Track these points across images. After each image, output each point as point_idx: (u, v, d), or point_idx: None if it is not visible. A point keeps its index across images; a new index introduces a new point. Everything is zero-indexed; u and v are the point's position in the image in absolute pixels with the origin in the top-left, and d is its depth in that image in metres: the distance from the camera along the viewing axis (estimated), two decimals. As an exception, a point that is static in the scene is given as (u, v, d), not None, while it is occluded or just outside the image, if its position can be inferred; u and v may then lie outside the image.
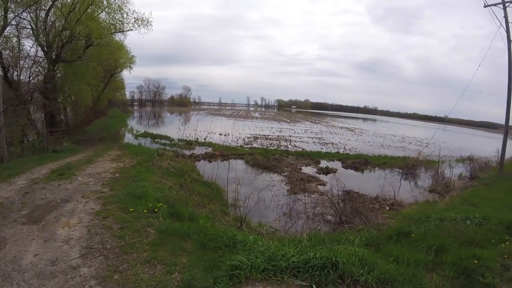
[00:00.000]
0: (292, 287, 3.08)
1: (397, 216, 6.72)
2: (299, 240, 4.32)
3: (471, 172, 13.43)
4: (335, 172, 12.88)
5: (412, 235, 4.60)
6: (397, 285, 3.16)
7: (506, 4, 12.03)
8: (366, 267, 3.33)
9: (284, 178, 11.17)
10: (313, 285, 3.10)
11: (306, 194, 8.56)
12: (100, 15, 17.04)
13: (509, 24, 12.04)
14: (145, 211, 4.89)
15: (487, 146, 30.87)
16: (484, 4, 12.29)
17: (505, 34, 12.12)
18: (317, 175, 12.25)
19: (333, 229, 6.28)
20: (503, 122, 13.04)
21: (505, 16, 11.99)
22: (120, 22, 17.80)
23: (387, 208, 7.86)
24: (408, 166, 13.69)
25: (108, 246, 3.74)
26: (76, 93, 18.20)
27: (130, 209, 4.94)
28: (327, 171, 12.93)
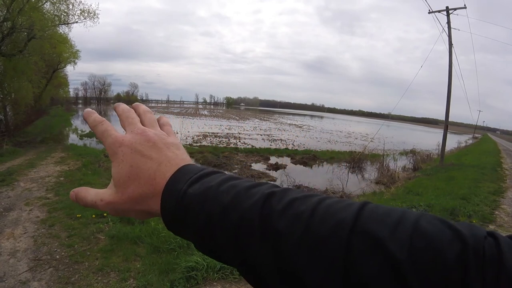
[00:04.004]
0: (250, 284, 3.17)
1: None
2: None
3: (414, 164, 14.62)
4: (285, 168, 13.14)
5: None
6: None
7: (450, 11, 13.26)
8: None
9: (234, 175, 11.24)
10: (270, 280, 3.22)
11: None
12: (45, 5, 15.76)
13: (451, 29, 13.30)
14: (94, 216, 4.70)
15: (428, 140, 33.92)
16: (429, 10, 13.39)
17: (447, 38, 13.37)
18: (267, 171, 12.43)
19: None
20: (442, 118, 14.38)
21: (448, 22, 13.20)
22: (65, 14, 16.58)
23: (336, 200, 8.29)
24: (354, 160, 14.33)
25: (57, 257, 3.55)
26: (16, 90, 16.60)
27: (77, 215, 4.71)
28: (276, 167, 13.13)
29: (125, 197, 0.36)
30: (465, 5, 12.90)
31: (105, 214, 4.78)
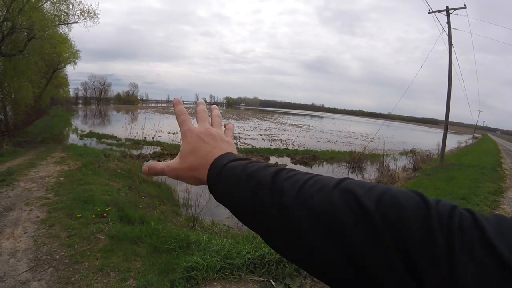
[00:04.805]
0: (250, 284, 3.17)
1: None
2: (253, 236, 4.37)
3: (414, 164, 14.61)
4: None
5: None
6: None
7: (450, 11, 13.26)
8: (320, 258, 3.51)
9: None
10: (271, 280, 3.22)
11: None
12: (45, 5, 15.74)
13: (451, 29, 13.30)
14: (94, 216, 4.71)
15: (428, 140, 33.90)
16: (429, 10, 13.38)
17: (447, 38, 13.37)
18: None
19: None
20: (442, 118, 14.38)
21: (448, 22, 13.20)
22: (65, 14, 16.57)
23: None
24: (354, 160, 14.38)
25: (57, 257, 3.55)
26: (16, 90, 16.59)
27: (77, 215, 4.71)
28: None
29: (185, 165, 0.51)
30: (465, 5, 12.90)
31: (105, 214, 4.79)
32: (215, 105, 0.65)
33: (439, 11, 13.37)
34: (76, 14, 16.71)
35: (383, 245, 0.28)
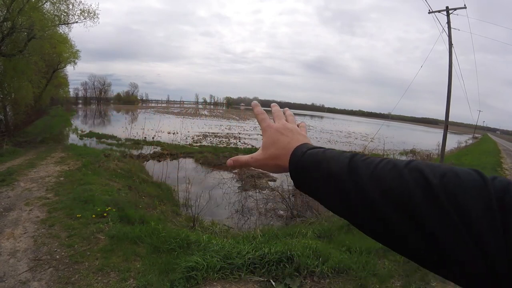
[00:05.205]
0: (250, 284, 3.17)
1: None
2: (253, 236, 4.39)
3: (414, 164, 14.62)
4: None
5: (362, 224, 4.89)
6: (351, 273, 3.37)
7: (450, 11, 13.25)
8: (320, 258, 3.49)
9: (234, 175, 11.19)
10: (271, 280, 3.22)
11: (257, 191, 8.67)
12: (45, 5, 15.72)
13: (451, 29, 13.29)
14: (94, 216, 4.71)
15: (428, 140, 33.89)
16: (429, 10, 13.38)
17: (447, 38, 13.36)
18: None
19: (285, 223, 6.44)
20: (442, 118, 14.37)
21: (448, 22, 13.19)
22: (65, 14, 16.55)
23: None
24: None
25: (57, 257, 3.55)
26: (16, 90, 16.58)
27: (77, 215, 4.71)
28: None
29: (267, 155, 0.58)
30: (465, 5, 12.89)
31: (105, 214, 4.79)
32: (287, 108, 0.75)
33: (439, 11, 13.36)
34: (76, 14, 16.71)
35: (448, 216, 0.32)
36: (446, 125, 13.88)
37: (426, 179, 0.35)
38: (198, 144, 18.56)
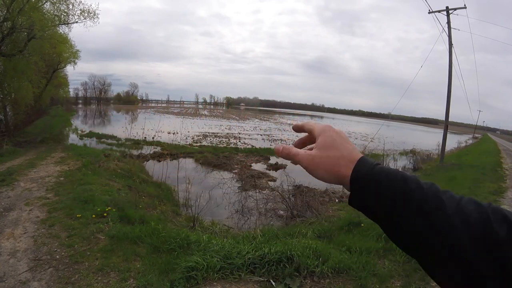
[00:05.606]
0: (250, 284, 3.17)
1: (347, 207, 7.01)
2: (253, 236, 4.39)
3: (414, 164, 14.58)
4: (285, 167, 13.08)
5: (362, 224, 4.78)
6: (351, 273, 3.37)
7: (450, 11, 13.25)
8: (320, 258, 3.49)
9: (234, 175, 11.17)
10: (271, 280, 3.21)
11: (257, 191, 8.62)
12: (45, 5, 15.72)
13: (451, 29, 13.29)
14: (94, 216, 4.71)
15: (428, 140, 33.86)
16: (429, 10, 13.38)
17: (447, 38, 13.36)
18: (267, 171, 12.44)
19: (285, 223, 6.42)
20: (442, 118, 14.37)
21: (448, 22, 13.20)
22: (65, 14, 16.52)
23: (337, 200, 8.16)
24: None
25: (57, 257, 3.55)
26: (16, 90, 16.58)
27: (77, 215, 4.72)
28: (277, 167, 13.12)
29: (325, 155, 0.52)
30: (465, 5, 12.89)
31: (105, 214, 4.79)
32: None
33: (439, 11, 13.37)
34: (76, 14, 16.68)
35: None
36: (446, 125, 13.89)
37: (509, 220, 0.38)
38: (198, 144, 18.55)
